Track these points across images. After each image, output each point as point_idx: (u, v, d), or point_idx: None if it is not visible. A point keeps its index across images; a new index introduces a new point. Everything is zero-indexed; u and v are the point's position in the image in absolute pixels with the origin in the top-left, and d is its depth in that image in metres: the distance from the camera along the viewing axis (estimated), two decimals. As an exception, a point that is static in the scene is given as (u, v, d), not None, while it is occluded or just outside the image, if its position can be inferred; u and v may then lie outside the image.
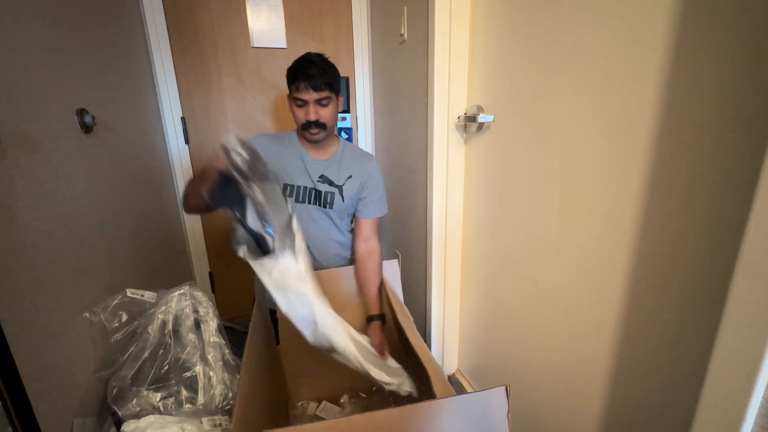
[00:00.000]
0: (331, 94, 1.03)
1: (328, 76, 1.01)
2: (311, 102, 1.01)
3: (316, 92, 1.00)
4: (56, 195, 0.73)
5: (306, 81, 0.99)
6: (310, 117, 1.02)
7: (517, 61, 0.90)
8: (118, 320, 0.80)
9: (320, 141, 1.09)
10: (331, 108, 1.05)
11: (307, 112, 1.03)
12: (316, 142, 1.09)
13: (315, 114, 1.02)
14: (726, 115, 0.50)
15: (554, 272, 0.85)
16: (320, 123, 1.04)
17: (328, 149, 1.14)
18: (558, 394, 0.88)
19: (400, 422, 0.53)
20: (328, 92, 1.02)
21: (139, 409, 0.72)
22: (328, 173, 1.12)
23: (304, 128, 1.05)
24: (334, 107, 1.06)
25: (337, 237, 1.17)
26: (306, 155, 1.12)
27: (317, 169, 1.12)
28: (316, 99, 1.01)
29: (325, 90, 1.01)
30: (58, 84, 0.79)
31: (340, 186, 1.13)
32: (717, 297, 0.50)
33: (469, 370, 1.36)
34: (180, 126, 1.61)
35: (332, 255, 1.18)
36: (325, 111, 1.04)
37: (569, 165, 0.77)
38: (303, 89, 1.00)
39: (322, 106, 1.03)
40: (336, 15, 1.69)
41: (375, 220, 1.17)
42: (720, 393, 0.43)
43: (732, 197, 0.50)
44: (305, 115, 1.03)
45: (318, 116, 1.03)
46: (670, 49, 0.55)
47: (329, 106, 1.04)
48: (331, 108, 1.05)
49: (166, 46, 1.52)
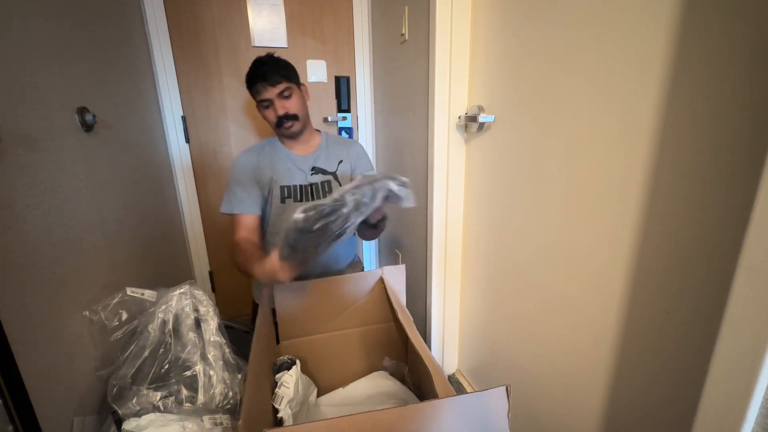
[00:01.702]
0: (290, 84, 1.05)
1: (280, 69, 1.03)
2: (274, 98, 1.04)
3: (274, 87, 1.02)
4: (57, 193, 0.73)
5: (262, 81, 1.02)
6: (278, 112, 1.05)
7: (518, 60, 0.90)
8: (118, 319, 0.80)
9: (298, 132, 1.11)
10: (296, 98, 1.07)
11: (275, 109, 1.05)
12: (295, 134, 1.11)
13: (282, 108, 1.05)
14: (727, 115, 0.50)
15: (554, 273, 0.85)
16: (290, 115, 1.06)
17: (311, 142, 1.16)
18: (558, 395, 0.88)
19: (400, 422, 0.53)
20: (286, 83, 1.04)
21: (139, 408, 0.72)
22: (319, 163, 1.14)
23: (279, 126, 1.08)
24: (298, 97, 1.08)
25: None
26: (292, 154, 1.13)
27: (307, 163, 1.14)
28: (277, 93, 1.03)
29: (282, 82, 1.03)
30: (59, 82, 0.79)
31: (334, 172, 1.15)
32: (718, 298, 0.49)
33: (468, 371, 1.36)
34: (180, 125, 1.61)
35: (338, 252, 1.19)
36: (290, 102, 1.06)
37: (570, 165, 0.77)
38: (261, 90, 1.03)
39: (286, 98, 1.05)
40: (337, 14, 1.69)
41: None
42: (721, 394, 0.43)
43: (733, 198, 0.50)
44: (274, 113, 1.06)
45: (285, 109, 1.05)
46: (673, 48, 0.55)
47: (293, 96, 1.06)
48: (296, 98, 1.07)
49: (167, 45, 1.52)
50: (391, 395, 0.95)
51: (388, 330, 1.07)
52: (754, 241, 0.38)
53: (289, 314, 0.99)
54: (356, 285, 1.07)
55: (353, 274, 1.12)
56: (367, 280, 1.04)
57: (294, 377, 0.83)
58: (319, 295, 0.99)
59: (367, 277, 1.03)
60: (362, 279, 1.03)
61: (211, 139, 1.68)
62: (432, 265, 1.28)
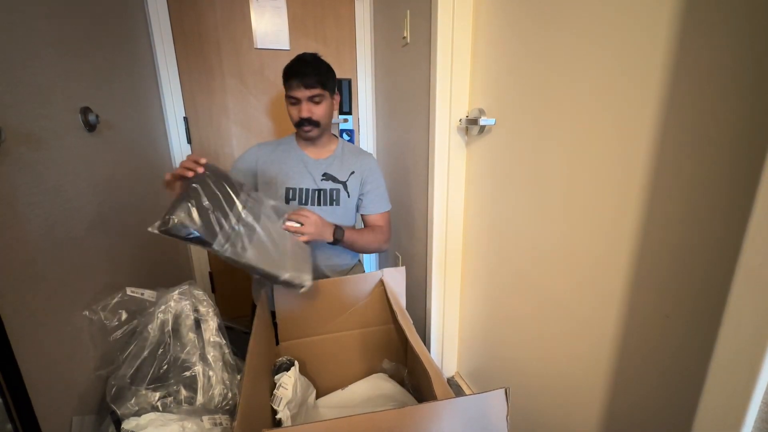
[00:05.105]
0: (324, 92, 1.04)
1: (320, 74, 1.03)
2: (303, 99, 1.03)
3: (308, 90, 1.02)
4: (58, 192, 0.73)
5: (298, 79, 1.01)
6: (302, 114, 1.04)
7: (519, 63, 0.90)
8: (117, 319, 0.80)
9: (314, 138, 1.10)
10: (324, 106, 1.06)
11: (300, 110, 1.04)
12: (311, 139, 1.11)
13: (308, 111, 1.04)
14: (727, 118, 0.50)
15: (554, 275, 0.85)
16: (313, 120, 1.05)
17: (327, 148, 1.15)
18: (557, 398, 0.88)
19: (399, 423, 0.53)
20: (320, 90, 1.03)
21: (138, 408, 0.72)
22: (331, 170, 1.14)
23: (298, 126, 1.07)
24: (327, 105, 1.07)
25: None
26: (306, 156, 1.13)
27: (319, 168, 1.13)
28: (308, 96, 1.03)
29: (317, 87, 1.02)
30: (62, 82, 0.79)
31: (344, 182, 1.14)
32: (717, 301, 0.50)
33: (468, 373, 1.35)
34: (182, 126, 1.62)
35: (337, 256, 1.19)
36: (317, 108, 1.05)
37: (570, 168, 0.77)
38: (295, 87, 1.02)
39: (315, 104, 1.05)
40: (339, 17, 1.70)
41: (381, 215, 1.19)
42: (719, 397, 0.43)
43: (732, 201, 0.50)
44: (298, 113, 1.05)
45: (311, 113, 1.04)
46: (673, 51, 0.55)
47: (322, 103, 1.05)
48: (324, 106, 1.06)
49: (170, 46, 1.53)
50: (390, 397, 0.94)
51: (387, 332, 1.07)
52: (753, 244, 0.38)
53: (289, 315, 0.99)
54: (356, 287, 1.07)
55: (353, 275, 1.13)
56: (367, 282, 1.04)
57: (293, 378, 0.83)
58: (319, 296, 0.99)
59: (367, 279, 1.03)
60: (362, 281, 1.03)
61: (212, 141, 1.69)
62: (432, 267, 1.28)
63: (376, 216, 1.18)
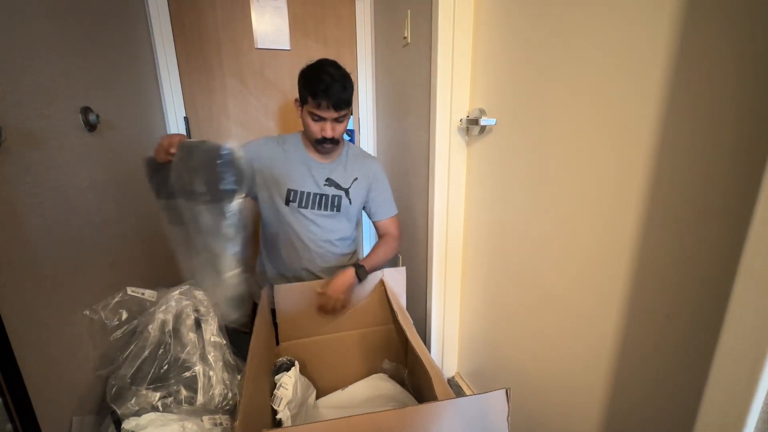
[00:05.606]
0: (349, 109, 1.03)
1: (348, 93, 0.99)
2: (329, 119, 1.00)
3: (337, 111, 0.99)
4: (59, 192, 0.73)
5: (327, 100, 0.96)
6: (326, 134, 1.01)
7: (520, 64, 0.90)
8: (118, 318, 0.80)
9: (329, 152, 1.09)
10: (346, 123, 1.05)
11: (323, 128, 1.01)
12: (327, 154, 1.09)
13: (332, 131, 1.01)
14: (727, 119, 0.50)
15: (555, 276, 0.85)
16: (335, 139, 1.04)
17: (332, 152, 1.15)
18: (558, 398, 0.88)
19: (399, 424, 0.53)
20: (346, 109, 1.01)
21: (138, 408, 0.72)
22: (335, 176, 1.13)
23: (317, 143, 1.05)
24: (347, 120, 1.06)
25: (344, 233, 1.19)
26: (311, 159, 1.12)
27: (323, 172, 1.12)
28: (335, 117, 1.00)
29: (344, 109, 1.00)
30: (63, 82, 0.79)
31: (347, 189, 1.13)
32: (718, 301, 0.49)
33: (468, 374, 1.35)
34: (183, 125, 1.62)
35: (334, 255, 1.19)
36: (341, 126, 1.04)
37: (571, 169, 0.77)
38: (324, 108, 0.98)
39: (339, 123, 1.02)
40: (339, 17, 1.70)
41: (391, 219, 1.20)
42: (721, 398, 0.43)
43: (733, 202, 0.50)
44: (321, 131, 1.02)
45: (334, 133, 1.02)
46: (673, 52, 0.55)
47: (344, 121, 1.04)
48: (346, 123, 1.05)
49: (170, 46, 1.53)
50: (391, 398, 0.94)
51: (387, 332, 1.07)
52: (755, 245, 0.38)
53: (289, 315, 0.99)
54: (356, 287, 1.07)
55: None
56: (367, 282, 1.04)
57: (293, 379, 0.83)
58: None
59: (367, 279, 1.03)
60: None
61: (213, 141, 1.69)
62: (432, 267, 1.28)
63: (386, 221, 1.19)
